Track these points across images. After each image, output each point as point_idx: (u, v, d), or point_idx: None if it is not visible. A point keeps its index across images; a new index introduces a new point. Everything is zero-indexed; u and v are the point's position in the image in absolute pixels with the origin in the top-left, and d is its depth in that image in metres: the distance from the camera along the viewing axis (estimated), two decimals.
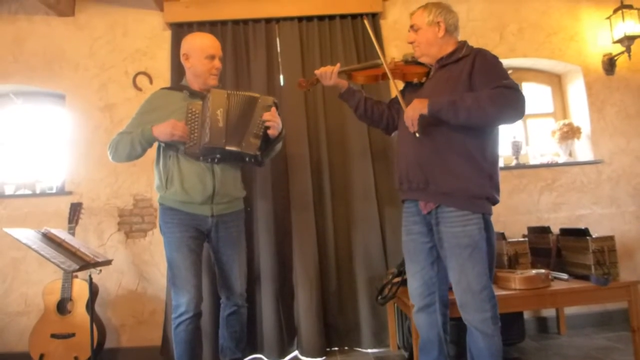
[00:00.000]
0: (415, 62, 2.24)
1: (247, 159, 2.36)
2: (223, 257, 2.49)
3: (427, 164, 2.07)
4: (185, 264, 2.33)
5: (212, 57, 2.40)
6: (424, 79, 2.20)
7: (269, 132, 2.34)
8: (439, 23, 2.11)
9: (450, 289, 2.14)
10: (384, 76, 2.24)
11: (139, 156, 2.38)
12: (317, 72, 2.29)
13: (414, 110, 1.99)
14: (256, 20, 3.49)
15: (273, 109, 2.36)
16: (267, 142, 2.39)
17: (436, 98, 1.99)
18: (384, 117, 2.37)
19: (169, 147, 2.36)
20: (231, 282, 2.50)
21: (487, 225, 2.06)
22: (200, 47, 2.39)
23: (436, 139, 2.06)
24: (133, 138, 2.30)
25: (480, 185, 2.03)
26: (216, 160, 2.32)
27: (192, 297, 2.32)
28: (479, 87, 1.99)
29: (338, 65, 2.28)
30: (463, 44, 2.14)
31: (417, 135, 2.01)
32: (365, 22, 2.36)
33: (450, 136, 2.03)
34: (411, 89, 2.24)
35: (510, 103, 1.93)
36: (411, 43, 2.20)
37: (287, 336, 3.23)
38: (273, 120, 2.33)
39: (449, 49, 2.13)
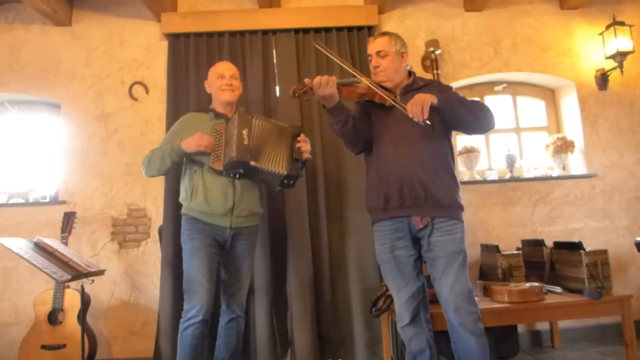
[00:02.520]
0: (382, 86, 2.27)
1: (285, 181, 2.53)
2: (232, 267, 2.59)
3: (428, 179, 2.12)
4: (201, 269, 2.43)
5: (222, 76, 2.62)
6: (390, 103, 2.23)
7: (304, 155, 2.58)
8: (403, 54, 2.29)
9: (433, 301, 2.19)
10: (364, 94, 2.24)
11: (168, 169, 2.55)
12: (312, 81, 2.15)
13: (424, 99, 1.97)
14: (253, 32, 3.51)
15: (302, 135, 2.60)
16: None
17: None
18: (365, 135, 2.32)
19: (194, 162, 2.54)
20: (234, 291, 2.60)
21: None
22: (213, 71, 2.68)
23: (435, 154, 2.14)
24: (164, 152, 2.50)
25: (459, 197, 2.20)
26: (238, 175, 2.47)
27: (204, 302, 2.40)
28: None
29: (334, 77, 2.19)
30: (414, 74, 2.35)
31: (429, 122, 1.98)
32: (341, 63, 2.35)
33: (441, 152, 2.13)
34: (379, 110, 2.28)
35: (490, 113, 2.18)
36: (375, 68, 2.29)
37: (281, 348, 3.20)
38: (306, 145, 2.59)
39: (407, 78, 2.33)
